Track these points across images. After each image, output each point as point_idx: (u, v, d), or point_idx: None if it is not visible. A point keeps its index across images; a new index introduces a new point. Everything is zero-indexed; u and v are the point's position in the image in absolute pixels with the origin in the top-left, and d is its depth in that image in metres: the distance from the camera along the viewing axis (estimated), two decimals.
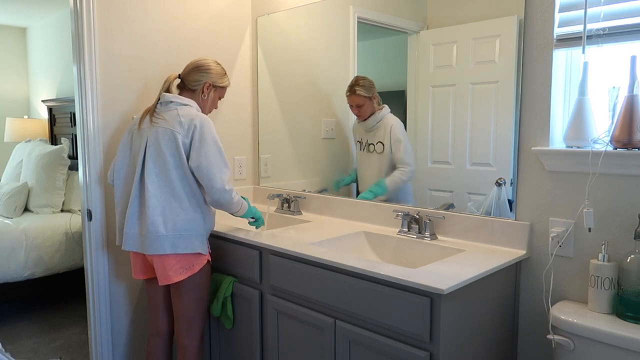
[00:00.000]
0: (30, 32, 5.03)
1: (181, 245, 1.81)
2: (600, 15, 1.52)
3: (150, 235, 1.79)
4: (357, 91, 2.19)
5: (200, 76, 1.92)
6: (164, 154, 1.80)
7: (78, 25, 2.08)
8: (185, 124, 1.80)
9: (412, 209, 1.97)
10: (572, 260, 1.62)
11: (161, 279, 1.84)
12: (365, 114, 2.20)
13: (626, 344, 1.36)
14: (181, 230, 1.80)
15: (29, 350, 2.93)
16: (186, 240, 1.81)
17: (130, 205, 1.85)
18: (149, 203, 1.79)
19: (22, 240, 3.28)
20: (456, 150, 1.91)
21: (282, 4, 2.51)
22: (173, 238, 1.79)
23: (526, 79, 1.67)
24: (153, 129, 1.83)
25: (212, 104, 2.01)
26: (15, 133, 4.60)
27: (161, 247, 1.78)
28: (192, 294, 1.88)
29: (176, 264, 1.82)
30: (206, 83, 1.93)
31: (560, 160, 1.60)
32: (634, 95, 1.45)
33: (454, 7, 1.87)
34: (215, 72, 1.95)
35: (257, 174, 2.73)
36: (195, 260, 1.86)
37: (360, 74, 2.24)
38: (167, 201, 1.80)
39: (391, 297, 1.46)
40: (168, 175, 1.80)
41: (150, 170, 1.81)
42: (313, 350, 1.73)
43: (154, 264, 1.85)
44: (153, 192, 1.79)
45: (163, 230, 1.78)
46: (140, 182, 1.84)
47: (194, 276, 1.86)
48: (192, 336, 1.92)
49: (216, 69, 1.96)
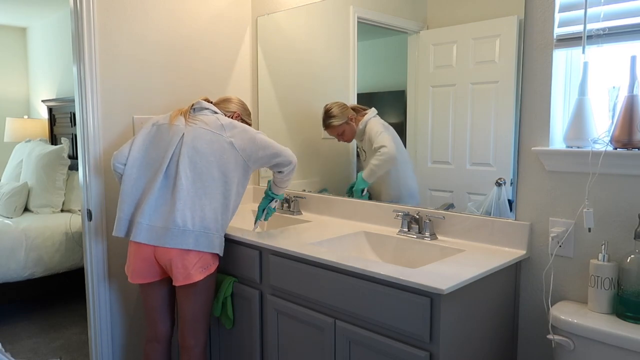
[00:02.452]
0: (30, 32, 5.03)
1: (203, 242, 1.81)
2: (600, 15, 1.52)
3: (175, 228, 1.77)
4: (332, 123, 2.25)
5: (231, 105, 2.12)
6: (205, 153, 1.83)
7: (78, 25, 2.08)
8: (226, 127, 1.90)
9: (412, 209, 1.97)
10: (572, 260, 1.62)
11: (179, 278, 1.79)
12: (350, 136, 2.26)
13: (626, 344, 1.36)
14: (207, 228, 1.81)
15: (29, 350, 2.93)
16: (209, 238, 1.82)
17: (150, 196, 1.82)
18: (180, 196, 1.79)
19: (22, 240, 3.28)
20: (456, 150, 1.91)
21: (282, 4, 2.51)
22: (198, 235, 1.80)
23: (526, 79, 1.67)
24: (190, 128, 1.87)
25: None
26: (15, 133, 4.60)
27: (185, 242, 1.78)
28: (203, 295, 1.88)
29: (197, 263, 1.81)
30: (236, 112, 2.11)
31: (560, 160, 1.60)
32: (634, 95, 1.45)
33: (454, 7, 1.87)
34: (243, 108, 2.16)
35: (257, 173, 2.73)
36: (212, 260, 1.87)
37: (360, 74, 2.24)
38: (198, 197, 1.81)
39: (391, 297, 1.46)
40: (205, 173, 1.83)
41: (186, 166, 1.82)
42: (313, 350, 1.73)
43: (172, 262, 1.79)
44: (186, 187, 1.81)
45: (190, 226, 1.79)
46: (166, 175, 1.84)
47: (209, 277, 1.86)
48: (199, 337, 1.91)
49: (244, 106, 2.17)
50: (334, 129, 2.26)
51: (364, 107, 2.21)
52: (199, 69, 2.46)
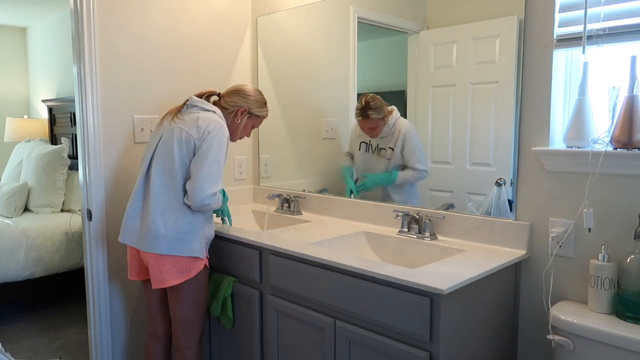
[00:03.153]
0: (30, 32, 5.03)
1: (179, 247, 1.79)
2: (600, 15, 1.52)
3: (149, 233, 1.78)
4: (371, 115, 2.13)
5: (238, 99, 1.94)
6: (173, 154, 1.78)
7: (78, 25, 2.08)
8: (201, 128, 1.78)
9: (412, 209, 1.97)
10: (572, 260, 1.62)
11: (155, 281, 1.81)
12: (379, 132, 2.15)
13: (626, 344, 1.35)
14: (181, 232, 1.79)
15: (29, 350, 2.93)
16: (185, 242, 1.80)
17: (132, 198, 1.85)
18: (152, 201, 1.79)
19: (22, 240, 3.28)
20: (456, 150, 1.91)
21: (282, 4, 2.51)
22: (171, 239, 1.78)
23: (526, 79, 1.67)
24: (169, 127, 1.83)
25: (244, 131, 2.00)
26: (15, 133, 4.60)
27: (158, 247, 1.77)
28: (189, 298, 1.86)
29: (172, 268, 1.79)
30: (242, 107, 1.94)
31: (560, 160, 1.60)
32: (634, 96, 1.45)
33: (454, 7, 1.87)
34: (254, 100, 1.96)
35: (257, 174, 2.73)
36: (192, 264, 1.83)
37: (360, 73, 2.24)
38: (170, 201, 1.79)
39: (391, 297, 1.46)
40: (174, 175, 1.79)
41: (158, 168, 1.81)
42: (313, 350, 1.73)
43: (148, 265, 1.83)
44: (157, 191, 1.79)
45: (163, 230, 1.78)
46: (145, 178, 1.84)
47: (191, 281, 1.83)
48: (190, 340, 1.90)
49: (256, 97, 1.97)
50: (370, 122, 2.15)
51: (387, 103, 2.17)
52: (199, 69, 2.46)
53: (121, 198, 2.20)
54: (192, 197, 1.76)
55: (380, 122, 2.13)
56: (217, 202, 1.82)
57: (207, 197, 1.75)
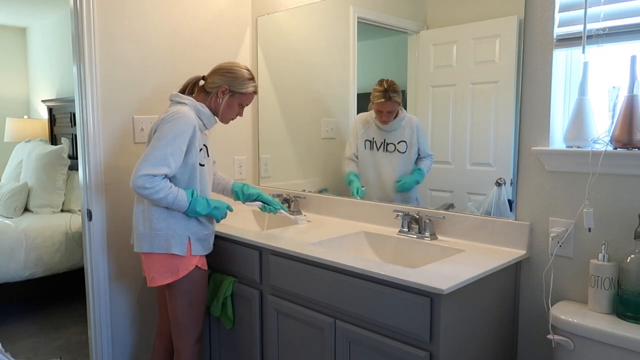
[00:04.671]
0: (30, 32, 5.03)
1: (157, 244, 1.77)
2: (600, 15, 1.52)
3: (135, 232, 1.82)
4: (393, 98, 2.05)
5: (218, 79, 1.84)
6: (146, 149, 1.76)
7: (78, 25, 2.08)
8: (161, 118, 1.76)
9: (412, 209, 1.97)
10: (572, 260, 1.62)
11: (148, 280, 1.83)
12: (391, 119, 2.11)
13: (626, 344, 1.36)
14: (156, 229, 1.76)
15: (29, 350, 2.93)
16: (161, 239, 1.77)
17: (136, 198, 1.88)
18: (136, 200, 1.84)
19: (22, 240, 3.28)
20: (456, 150, 1.91)
21: (282, 4, 2.51)
22: (150, 237, 1.77)
23: (526, 79, 1.67)
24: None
25: (229, 110, 1.88)
26: (15, 133, 4.60)
27: (140, 245, 1.79)
28: (181, 299, 1.83)
29: (161, 267, 1.78)
30: (222, 87, 1.83)
31: (560, 160, 1.60)
32: (634, 95, 1.45)
33: (454, 7, 1.87)
34: (235, 77, 1.83)
35: (257, 174, 2.73)
36: (180, 265, 1.80)
37: (360, 74, 2.24)
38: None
39: (391, 297, 1.46)
40: None
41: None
42: (313, 350, 1.73)
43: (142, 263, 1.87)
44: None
45: (142, 228, 1.79)
46: None
47: (181, 282, 1.81)
48: (186, 341, 1.88)
49: (238, 73, 1.84)
50: (390, 104, 2.07)
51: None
52: (199, 69, 2.44)
53: (121, 198, 2.20)
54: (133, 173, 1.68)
55: (398, 107, 2.08)
56: (155, 189, 1.66)
57: (139, 177, 1.64)
